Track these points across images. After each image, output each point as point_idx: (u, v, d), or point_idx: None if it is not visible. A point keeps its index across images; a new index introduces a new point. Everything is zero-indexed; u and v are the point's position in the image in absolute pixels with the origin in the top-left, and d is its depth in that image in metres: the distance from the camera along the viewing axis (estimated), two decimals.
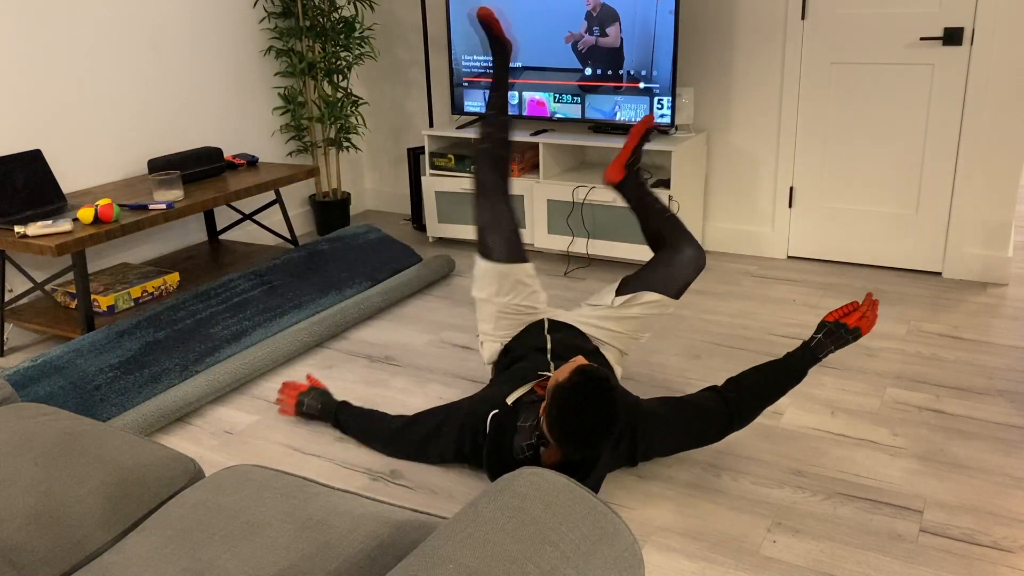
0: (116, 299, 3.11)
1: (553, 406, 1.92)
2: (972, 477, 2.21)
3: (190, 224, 3.95)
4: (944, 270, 3.62)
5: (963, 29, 3.32)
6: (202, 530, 1.35)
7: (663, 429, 2.17)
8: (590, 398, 1.89)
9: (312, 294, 3.27)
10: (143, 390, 2.61)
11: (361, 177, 5.01)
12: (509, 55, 2.68)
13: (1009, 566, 1.88)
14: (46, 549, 1.35)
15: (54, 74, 3.29)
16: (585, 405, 1.89)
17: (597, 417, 1.89)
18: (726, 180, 3.97)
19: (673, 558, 1.95)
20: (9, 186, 3.04)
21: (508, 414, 2.14)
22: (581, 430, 1.89)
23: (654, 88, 3.65)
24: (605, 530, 1.09)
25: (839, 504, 2.12)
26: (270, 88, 4.26)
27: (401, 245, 3.81)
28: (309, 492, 1.43)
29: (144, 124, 3.67)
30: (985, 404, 2.57)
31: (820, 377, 2.77)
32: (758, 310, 3.34)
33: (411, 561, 1.00)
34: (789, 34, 3.63)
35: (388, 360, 3.03)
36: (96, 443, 1.55)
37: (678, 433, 2.18)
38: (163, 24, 3.68)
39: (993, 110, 3.36)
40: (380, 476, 2.32)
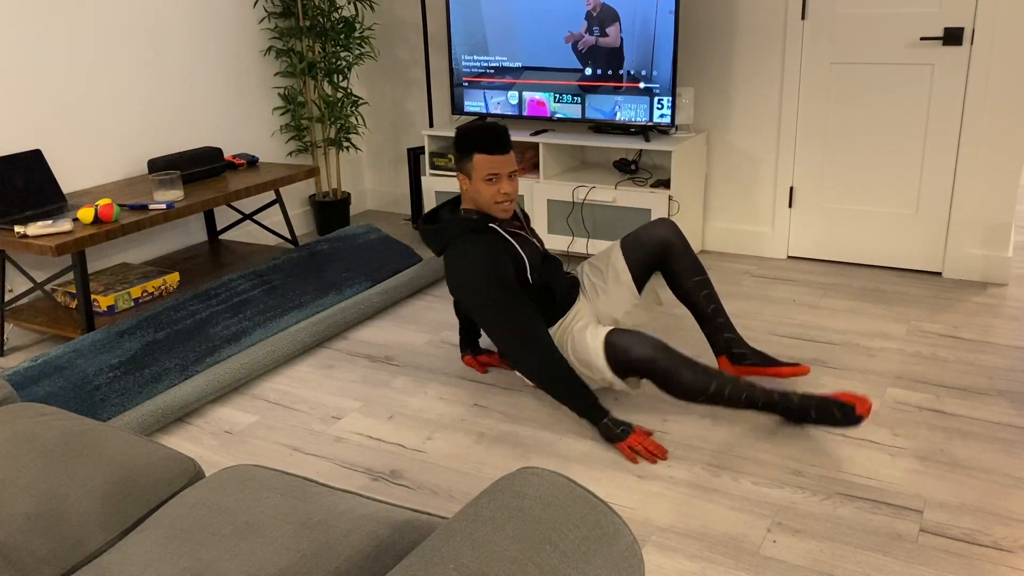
0: (116, 299, 3.11)
1: (455, 148, 2.50)
2: (972, 477, 2.21)
3: (190, 224, 3.95)
4: (944, 270, 3.62)
5: (963, 29, 3.32)
6: (202, 530, 1.35)
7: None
8: (472, 123, 2.47)
9: (312, 294, 3.27)
10: (143, 390, 2.61)
11: (361, 177, 5.02)
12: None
13: (1009, 566, 1.88)
14: (46, 549, 1.35)
15: (54, 74, 3.29)
16: (469, 125, 2.47)
17: (488, 122, 2.46)
18: (726, 180, 3.97)
19: (673, 558, 1.95)
20: (9, 186, 3.04)
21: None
22: (479, 130, 2.43)
23: (654, 88, 3.65)
24: (605, 530, 1.09)
25: (839, 504, 2.12)
26: (270, 88, 4.26)
27: (401, 245, 3.81)
28: (309, 492, 1.43)
29: (144, 124, 3.67)
30: (985, 404, 2.57)
31: (820, 377, 2.77)
32: (758, 310, 3.34)
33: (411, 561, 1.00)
34: (789, 34, 3.63)
35: (388, 360, 3.03)
36: (96, 443, 1.55)
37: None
38: (163, 24, 3.68)
39: (993, 110, 3.36)
40: (380, 476, 2.32)
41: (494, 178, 2.47)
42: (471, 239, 2.48)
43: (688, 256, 2.63)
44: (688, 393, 2.31)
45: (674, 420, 2.54)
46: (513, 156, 2.48)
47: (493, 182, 2.47)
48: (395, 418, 2.63)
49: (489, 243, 2.47)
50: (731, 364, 2.55)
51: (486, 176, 2.46)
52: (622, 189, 3.67)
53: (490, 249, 2.45)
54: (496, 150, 2.44)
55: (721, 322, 2.60)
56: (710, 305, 2.60)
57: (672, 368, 2.30)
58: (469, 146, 2.46)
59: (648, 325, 3.23)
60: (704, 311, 2.60)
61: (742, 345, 2.58)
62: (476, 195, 2.50)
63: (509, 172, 2.48)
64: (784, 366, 2.51)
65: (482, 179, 2.47)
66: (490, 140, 2.44)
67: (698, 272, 2.63)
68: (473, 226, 2.51)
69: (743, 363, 2.54)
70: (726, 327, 2.60)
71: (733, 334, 2.60)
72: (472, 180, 2.49)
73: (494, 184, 2.47)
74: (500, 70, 3.97)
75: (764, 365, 2.55)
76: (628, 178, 3.85)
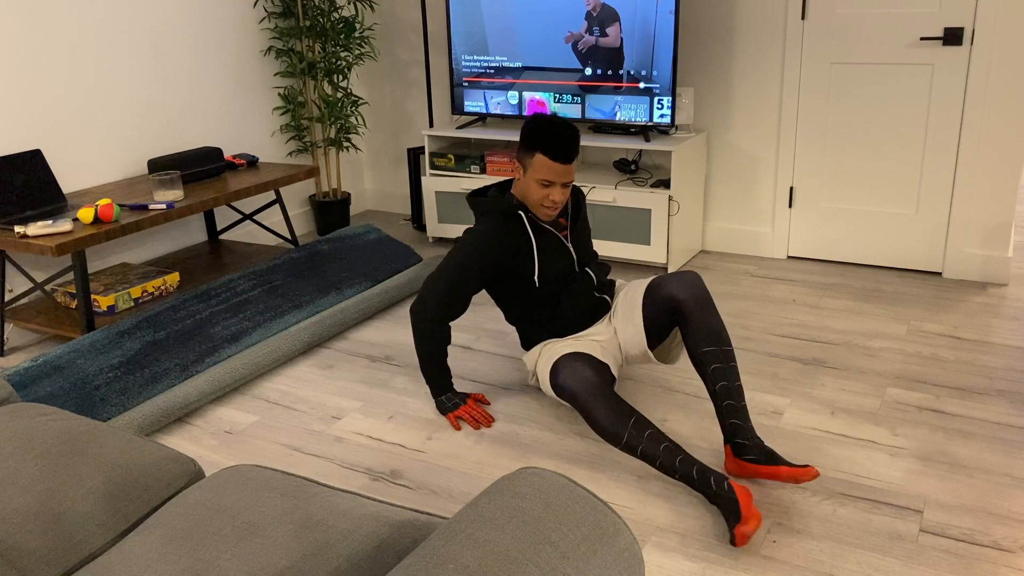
0: (116, 299, 3.11)
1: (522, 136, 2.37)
2: (972, 477, 2.21)
3: (190, 224, 3.95)
4: (944, 270, 3.62)
5: (963, 29, 3.32)
6: (202, 530, 1.35)
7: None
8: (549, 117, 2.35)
9: (312, 294, 3.27)
10: (143, 390, 2.61)
11: (361, 177, 5.02)
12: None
13: (1009, 566, 1.88)
14: (46, 549, 1.35)
15: (54, 74, 3.29)
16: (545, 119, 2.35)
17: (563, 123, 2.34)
18: (726, 180, 3.97)
19: (673, 558, 1.95)
20: (9, 186, 3.04)
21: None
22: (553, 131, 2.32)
23: (654, 88, 3.65)
24: (605, 530, 1.09)
25: (839, 504, 2.12)
26: (270, 88, 4.26)
27: (401, 245, 3.81)
28: (309, 492, 1.43)
29: (144, 124, 3.67)
30: (985, 404, 2.57)
31: (820, 377, 2.77)
32: (758, 310, 3.34)
33: (411, 561, 1.00)
34: (789, 34, 3.63)
35: (388, 360, 3.03)
36: (96, 443, 1.55)
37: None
38: (163, 24, 3.68)
39: (993, 110, 3.36)
40: (380, 476, 2.32)
41: (548, 184, 2.36)
42: (490, 219, 2.45)
43: (703, 321, 2.27)
44: (605, 436, 2.19)
45: (674, 420, 2.54)
46: (574, 166, 2.37)
47: (546, 186, 2.37)
48: (395, 418, 2.63)
49: (498, 230, 2.42)
50: (733, 455, 2.20)
51: (542, 179, 2.35)
52: (622, 189, 3.67)
53: (491, 237, 2.42)
54: (560, 158, 2.32)
55: (728, 404, 2.21)
56: (718, 382, 2.22)
57: (589, 408, 2.20)
58: (535, 142, 2.33)
59: None
60: (711, 387, 2.24)
61: (747, 435, 2.18)
62: (525, 189, 2.41)
63: (564, 182, 2.36)
64: (787, 466, 2.08)
65: (536, 179, 2.36)
66: (558, 146, 2.31)
67: (712, 340, 2.25)
68: (504, 207, 2.44)
69: (743, 456, 2.16)
70: (733, 412, 2.20)
71: (740, 420, 2.19)
72: (525, 174, 2.39)
73: (546, 188, 2.37)
74: (500, 70, 3.97)
75: (766, 463, 2.12)
76: (628, 178, 3.85)
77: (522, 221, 2.45)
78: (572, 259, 2.52)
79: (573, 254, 2.52)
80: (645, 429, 2.14)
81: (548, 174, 2.34)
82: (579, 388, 2.26)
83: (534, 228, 2.46)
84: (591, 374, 2.28)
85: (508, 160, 3.96)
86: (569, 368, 2.31)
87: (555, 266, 2.48)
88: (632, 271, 3.82)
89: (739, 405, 2.20)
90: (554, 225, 2.52)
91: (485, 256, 2.42)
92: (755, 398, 2.66)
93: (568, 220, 2.55)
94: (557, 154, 2.31)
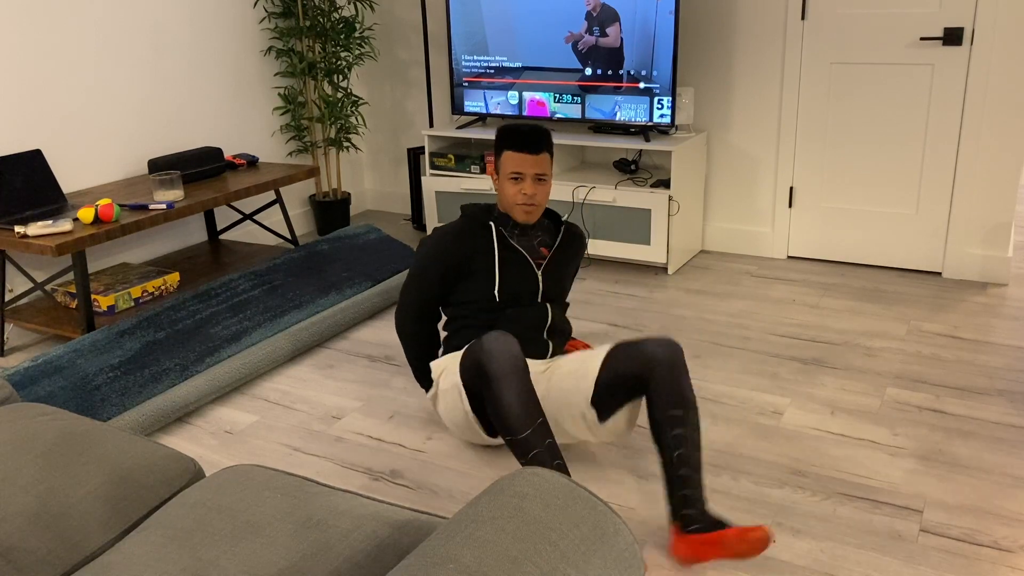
0: (116, 299, 3.11)
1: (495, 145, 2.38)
2: (972, 477, 2.21)
3: (190, 224, 3.95)
4: (944, 270, 3.62)
5: (963, 29, 3.32)
6: (202, 530, 1.34)
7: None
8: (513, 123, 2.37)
9: (312, 294, 3.27)
10: (143, 390, 2.61)
11: (361, 177, 5.02)
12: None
13: (1009, 566, 1.88)
14: (46, 549, 1.35)
15: (54, 74, 3.29)
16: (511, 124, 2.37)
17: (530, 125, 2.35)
18: (726, 180, 3.97)
19: (673, 558, 1.95)
20: (9, 186, 3.04)
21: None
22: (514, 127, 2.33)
23: (654, 88, 3.65)
24: (605, 530, 1.09)
25: (839, 504, 2.12)
26: (270, 88, 4.26)
27: (401, 245, 3.81)
28: (309, 492, 1.43)
29: (144, 124, 3.67)
30: (985, 404, 2.57)
31: (820, 377, 2.77)
32: (758, 310, 3.34)
33: (411, 561, 1.00)
34: (789, 34, 3.63)
35: (388, 360, 3.03)
36: (96, 443, 1.55)
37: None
38: (163, 24, 3.68)
39: (993, 110, 3.36)
40: (380, 476, 2.32)
41: (519, 177, 2.33)
42: (460, 221, 2.42)
43: (675, 383, 2.04)
44: (503, 424, 2.01)
45: None
46: (547, 159, 2.34)
47: (517, 181, 2.33)
48: (395, 418, 2.63)
49: (460, 231, 2.38)
50: (681, 531, 1.93)
51: (511, 173, 2.33)
52: (622, 189, 3.67)
53: (449, 235, 2.38)
54: (525, 148, 2.31)
55: (684, 475, 1.96)
56: (677, 450, 1.97)
57: (502, 385, 2.01)
58: (501, 142, 2.36)
59: (648, 329, 3.23)
60: (668, 456, 1.98)
61: (694, 504, 1.93)
62: (501, 194, 2.38)
63: (536, 174, 2.32)
64: (732, 528, 1.86)
65: (507, 176, 2.34)
66: (521, 137, 2.32)
67: (681, 404, 2.02)
68: (476, 212, 2.42)
69: (688, 529, 1.91)
70: (686, 482, 1.95)
71: (691, 489, 1.95)
72: (499, 177, 2.38)
73: (517, 184, 2.33)
74: (500, 70, 3.97)
75: (710, 530, 1.89)
76: (628, 178, 3.85)
77: (491, 232, 2.39)
78: (537, 288, 2.41)
79: (540, 284, 2.41)
80: (547, 437, 2.02)
81: (516, 166, 2.32)
82: (501, 357, 2.03)
83: (501, 242, 2.39)
84: (519, 352, 2.07)
85: None
86: (498, 340, 2.07)
87: (517, 287, 2.38)
88: (632, 271, 3.82)
89: (695, 477, 1.96)
90: (528, 248, 2.42)
91: (442, 252, 2.37)
92: (755, 398, 2.66)
93: (549, 251, 2.45)
94: (521, 144, 2.31)
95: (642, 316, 3.31)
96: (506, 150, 2.34)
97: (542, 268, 2.42)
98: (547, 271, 2.43)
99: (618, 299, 3.50)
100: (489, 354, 2.05)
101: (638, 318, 3.29)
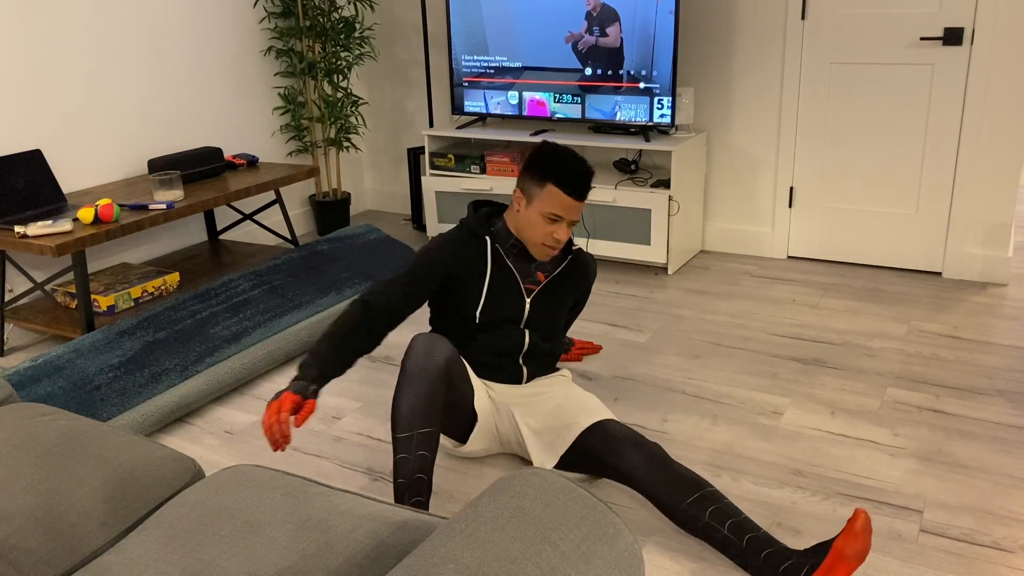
0: (116, 299, 3.11)
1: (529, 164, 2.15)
2: (972, 477, 2.21)
3: (190, 224, 3.95)
4: (944, 270, 3.62)
5: (963, 29, 3.32)
6: (202, 530, 1.34)
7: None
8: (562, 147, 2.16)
9: (312, 294, 3.27)
10: (143, 390, 2.61)
11: (361, 177, 5.01)
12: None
13: (1009, 566, 1.88)
14: (46, 549, 1.35)
15: (54, 74, 3.29)
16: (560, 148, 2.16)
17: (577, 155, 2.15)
18: (726, 180, 3.97)
19: (673, 558, 1.95)
20: (9, 186, 3.04)
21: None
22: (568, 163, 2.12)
23: (654, 88, 3.65)
24: (605, 530, 1.09)
25: (839, 504, 2.12)
26: (270, 88, 4.26)
27: (401, 245, 3.81)
28: (309, 492, 1.43)
29: (144, 124, 3.67)
30: (985, 404, 2.57)
31: (820, 377, 2.77)
32: (758, 310, 3.34)
33: (411, 561, 1.00)
34: (789, 34, 3.63)
35: (388, 360, 3.03)
36: (96, 443, 1.55)
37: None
38: (163, 24, 3.68)
39: (993, 110, 3.36)
40: (380, 476, 2.32)
41: (556, 219, 2.13)
42: (458, 231, 2.24)
43: (668, 478, 1.92)
44: (392, 417, 1.99)
45: (674, 420, 2.54)
46: (583, 205, 2.17)
47: (552, 222, 2.13)
48: None
49: (458, 242, 2.21)
50: None
51: (550, 214, 2.11)
52: (622, 189, 3.67)
53: (447, 244, 2.20)
54: (575, 192, 2.10)
55: (752, 538, 1.81)
56: (727, 521, 1.84)
57: (406, 384, 1.98)
58: (548, 172, 2.10)
59: (648, 329, 3.23)
60: (718, 536, 1.84)
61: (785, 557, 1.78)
62: (525, 223, 2.16)
63: (572, 220, 2.14)
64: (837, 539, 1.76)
65: (542, 213, 2.12)
66: (574, 179, 2.09)
67: (692, 488, 1.89)
68: (474, 226, 2.23)
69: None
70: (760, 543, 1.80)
71: (771, 547, 1.79)
72: (529, 206, 2.14)
73: (552, 225, 2.13)
74: (500, 70, 3.97)
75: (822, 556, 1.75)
76: (628, 178, 3.85)
77: (485, 248, 2.22)
78: (521, 316, 2.25)
79: (526, 311, 2.25)
80: (422, 448, 1.95)
81: (558, 208, 2.11)
82: (419, 358, 1.99)
83: (495, 261, 2.22)
84: (442, 361, 2.00)
85: (508, 160, 3.96)
86: (426, 342, 2.02)
87: (501, 310, 2.23)
88: (632, 271, 3.83)
89: (761, 533, 1.81)
90: (522, 271, 2.25)
91: (438, 261, 2.18)
92: (755, 398, 2.66)
93: (547, 278, 2.28)
94: (572, 188, 2.10)
95: (642, 316, 3.31)
96: (552, 185, 2.10)
97: (532, 295, 2.25)
98: (537, 300, 2.26)
99: (618, 299, 3.50)
100: (410, 351, 2.03)
101: (638, 318, 3.29)
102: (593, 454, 2.07)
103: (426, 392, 1.98)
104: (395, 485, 1.96)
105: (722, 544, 1.84)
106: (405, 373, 2.00)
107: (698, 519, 1.87)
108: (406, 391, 1.98)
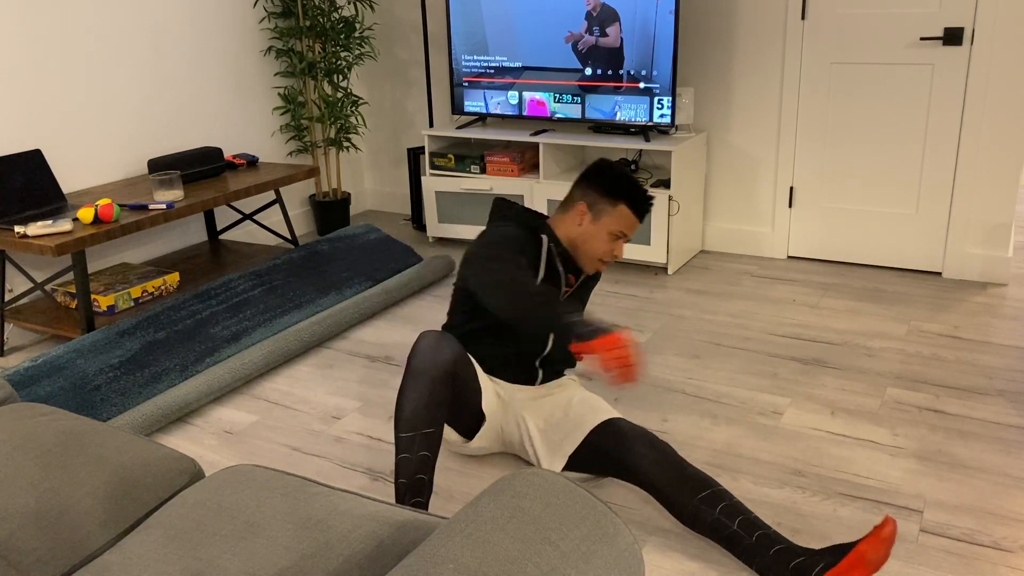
0: (116, 299, 3.11)
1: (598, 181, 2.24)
2: (972, 477, 2.21)
3: (190, 224, 3.95)
4: (944, 270, 3.62)
5: (963, 29, 3.32)
6: (202, 530, 1.34)
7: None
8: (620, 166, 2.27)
9: (312, 294, 3.27)
10: (143, 390, 2.61)
11: (361, 177, 5.01)
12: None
13: (1009, 566, 1.88)
14: (46, 549, 1.35)
15: (54, 74, 3.29)
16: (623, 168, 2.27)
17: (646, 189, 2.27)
18: (726, 180, 3.97)
19: (673, 558, 1.95)
20: (9, 186, 3.04)
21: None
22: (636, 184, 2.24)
23: (654, 88, 3.65)
24: (605, 530, 1.09)
25: (839, 504, 2.12)
26: (270, 88, 4.26)
27: (401, 245, 3.81)
28: (309, 492, 1.43)
29: (144, 124, 3.67)
30: (985, 404, 2.57)
31: (820, 377, 2.77)
32: (758, 310, 3.34)
33: (411, 561, 1.00)
34: (789, 34, 3.63)
35: (388, 360, 3.03)
36: (96, 443, 1.55)
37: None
38: (163, 24, 3.68)
39: (993, 110, 3.36)
40: (380, 476, 2.32)
41: (620, 236, 2.23)
42: (515, 226, 2.22)
43: (682, 481, 1.92)
44: (396, 415, 1.98)
45: (674, 420, 2.54)
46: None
47: (616, 239, 2.23)
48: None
49: (520, 234, 2.19)
50: None
51: (617, 230, 2.22)
52: None
53: (513, 235, 2.17)
54: (641, 214, 2.24)
55: (761, 535, 1.82)
56: (736, 518, 1.84)
57: (411, 383, 1.97)
58: (621, 192, 2.21)
59: (647, 329, 3.23)
60: (726, 532, 1.85)
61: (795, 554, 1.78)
62: (587, 237, 2.23)
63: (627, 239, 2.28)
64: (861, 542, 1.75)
65: (609, 230, 2.21)
66: (644, 202, 2.23)
67: (702, 485, 1.91)
68: (530, 221, 2.25)
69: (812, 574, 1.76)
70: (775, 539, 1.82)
71: (780, 545, 1.80)
72: (597, 221, 2.22)
73: (614, 241, 2.23)
74: (500, 70, 3.97)
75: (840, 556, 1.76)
76: None
77: (540, 247, 2.23)
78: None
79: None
80: (424, 449, 1.95)
81: (626, 227, 2.23)
82: (425, 357, 1.97)
83: (548, 262, 2.24)
84: (449, 360, 1.99)
85: (508, 160, 3.96)
86: (434, 341, 2.00)
87: None
88: (632, 271, 3.83)
89: (770, 531, 1.83)
90: (564, 273, 2.30)
91: (517, 246, 2.15)
92: (755, 398, 2.66)
93: (576, 281, 2.34)
94: (642, 209, 2.24)
95: (642, 316, 3.31)
96: (624, 205, 2.21)
97: (565, 297, 2.32)
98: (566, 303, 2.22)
99: (618, 299, 3.50)
100: (416, 349, 2.01)
101: (638, 318, 3.29)
102: (603, 451, 2.07)
103: (431, 392, 1.97)
104: (396, 485, 1.96)
105: (729, 540, 1.85)
106: (410, 371, 1.99)
107: (707, 515, 1.87)
108: (411, 390, 1.97)
